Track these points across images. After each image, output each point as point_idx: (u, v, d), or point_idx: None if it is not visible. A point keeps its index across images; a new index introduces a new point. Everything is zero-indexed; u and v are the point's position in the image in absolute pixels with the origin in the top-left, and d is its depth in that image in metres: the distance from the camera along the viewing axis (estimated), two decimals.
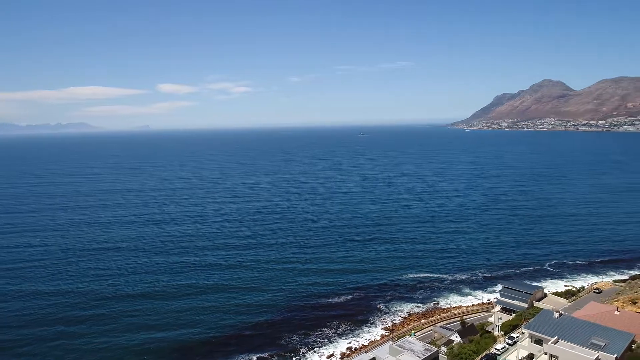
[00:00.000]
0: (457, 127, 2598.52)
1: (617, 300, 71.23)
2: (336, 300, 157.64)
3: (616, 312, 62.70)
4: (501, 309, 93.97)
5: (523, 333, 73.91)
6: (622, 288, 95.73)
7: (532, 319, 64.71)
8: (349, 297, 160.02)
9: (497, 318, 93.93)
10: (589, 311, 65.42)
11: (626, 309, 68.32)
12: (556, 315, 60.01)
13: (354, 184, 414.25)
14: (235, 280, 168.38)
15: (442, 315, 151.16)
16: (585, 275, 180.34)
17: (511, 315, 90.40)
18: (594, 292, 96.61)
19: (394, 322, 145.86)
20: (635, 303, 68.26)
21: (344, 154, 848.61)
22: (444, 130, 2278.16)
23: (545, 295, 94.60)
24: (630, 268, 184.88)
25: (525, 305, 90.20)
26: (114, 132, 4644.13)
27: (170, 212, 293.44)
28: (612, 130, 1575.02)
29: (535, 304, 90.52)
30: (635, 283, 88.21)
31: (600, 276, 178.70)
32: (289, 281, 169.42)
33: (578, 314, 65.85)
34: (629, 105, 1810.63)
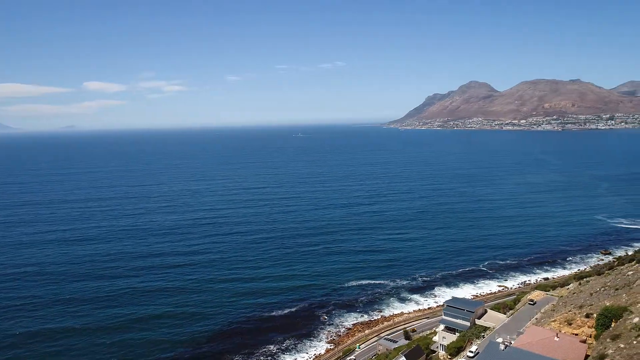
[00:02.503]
0: (392, 126, 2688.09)
1: (554, 321, 73.80)
2: (280, 313, 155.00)
3: (556, 338, 64.69)
4: (445, 327, 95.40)
5: (469, 358, 75.03)
6: (554, 299, 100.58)
7: (480, 353, 65.50)
8: (293, 310, 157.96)
9: (441, 337, 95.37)
10: (531, 337, 67.01)
11: (563, 331, 70.87)
12: (502, 347, 61.00)
13: (294, 189, 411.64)
14: (173, 306, 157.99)
15: (386, 324, 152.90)
16: (514, 274, 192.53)
17: (455, 334, 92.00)
18: (529, 303, 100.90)
19: (339, 334, 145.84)
20: (570, 324, 70.99)
21: (284, 156, 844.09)
22: (380, 130, 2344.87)
23: (486, 311, 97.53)
24: (553, 266, 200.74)
25: (468, 323, 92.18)
26: (34, 133, 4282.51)
27: (99, 227, 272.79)
28: (532, 129, 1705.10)
29: (477, 321, 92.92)
30: (567, 296, 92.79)
31: (528, 275, 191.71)
32: (230, 300, 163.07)
33: (521, 341, 67.25)
34: (546, 105, 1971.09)
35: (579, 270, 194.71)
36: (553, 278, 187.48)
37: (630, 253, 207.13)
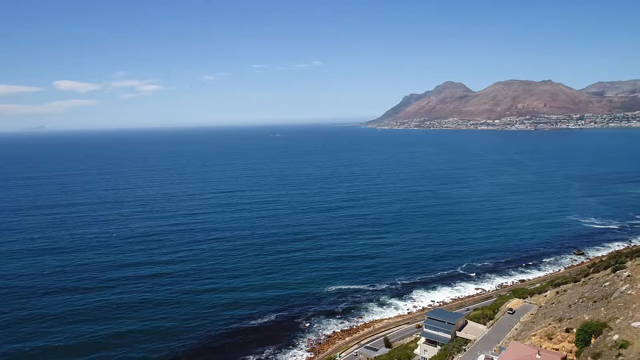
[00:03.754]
0: (369, 126, 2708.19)
1: (534, 335, 73.83)
2: (259, 322, 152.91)
3: (538, 356, 64.38)
4: (426, 340, 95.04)
5: None
6: (533, 307, 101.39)
7: None
8: (273, 319, 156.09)
9: (422, 350, 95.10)
10: (512, 355, 66.73)
11: (544, 346, 70.87)
12: None
13: (273, 192, 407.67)
14: (149, 319, 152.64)
15: (366, 330, 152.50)
16: (491, 276, 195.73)
17: (436, 347, 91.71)
18: (508, 312, 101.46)
19: (319, 342, 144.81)
20: (551, 339, 71.08)
21: (263, 157, 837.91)
22: (358, 130, 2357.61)
23: (467, 322, 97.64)
24: (528, 267, 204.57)
25: (449, 336, 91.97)
26: (3, 133, 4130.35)
27: (71, 235, 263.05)
28: (506, 129, 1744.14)
29: (458, 333, 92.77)
30: (545, 306, 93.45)
31: (505, 277, 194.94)
32: (209, 312, 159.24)
33: (503, 359, 66.72)
34: (519, 105, 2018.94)
35: (553, 271, 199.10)
36: (529, 280, 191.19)
37: (602, 254, 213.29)
